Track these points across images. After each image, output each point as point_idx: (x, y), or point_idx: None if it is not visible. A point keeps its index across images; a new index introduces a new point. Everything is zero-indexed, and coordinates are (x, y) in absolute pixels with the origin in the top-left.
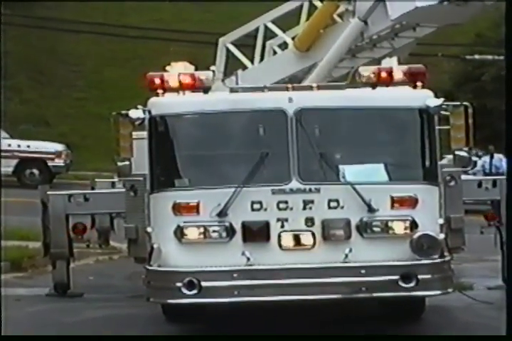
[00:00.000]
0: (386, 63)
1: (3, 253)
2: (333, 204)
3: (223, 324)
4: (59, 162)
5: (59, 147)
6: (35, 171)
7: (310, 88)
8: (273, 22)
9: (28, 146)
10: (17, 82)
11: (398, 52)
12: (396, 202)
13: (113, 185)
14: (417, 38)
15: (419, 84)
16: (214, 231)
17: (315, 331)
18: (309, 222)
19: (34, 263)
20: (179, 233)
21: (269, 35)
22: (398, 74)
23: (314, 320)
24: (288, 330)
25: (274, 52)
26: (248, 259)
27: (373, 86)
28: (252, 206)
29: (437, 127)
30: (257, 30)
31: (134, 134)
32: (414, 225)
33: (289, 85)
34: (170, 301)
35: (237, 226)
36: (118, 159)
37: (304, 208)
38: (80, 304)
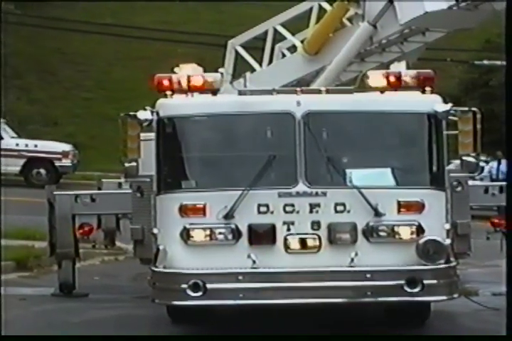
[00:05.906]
0: (395, 67)
1: (8, 252)
2: (339, 208)
3: (228, 326)
4: (66, 162)
5: (66, 147)
6: (42, 171)
7: (318, 91)
8: (282, 25)
9: (36, 146)
10: (26, 82)
11: (407, 56)
12: (403, 206)
13: (120, 185)
14: (426, 43)
15: (427, 89)
16: (220, 233)
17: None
18: (315, 225)
19: (40, 262)
20: (185, 235)
21: (278, 37)
22: (407, 78)
23: (317, 324)
24: (291, 333)
25: (283, 55)
26: (254, 262)
27: (382, 90)
28: (258, 209)
29: (445, 132)
30: (266, 32)
31: (142, 135)
32: (420, 230)
33: (298, 88)
34: (175, 303)
35: (244, 229)
36: (125, 160)
37: (311, 211)
38: (85, 304)
